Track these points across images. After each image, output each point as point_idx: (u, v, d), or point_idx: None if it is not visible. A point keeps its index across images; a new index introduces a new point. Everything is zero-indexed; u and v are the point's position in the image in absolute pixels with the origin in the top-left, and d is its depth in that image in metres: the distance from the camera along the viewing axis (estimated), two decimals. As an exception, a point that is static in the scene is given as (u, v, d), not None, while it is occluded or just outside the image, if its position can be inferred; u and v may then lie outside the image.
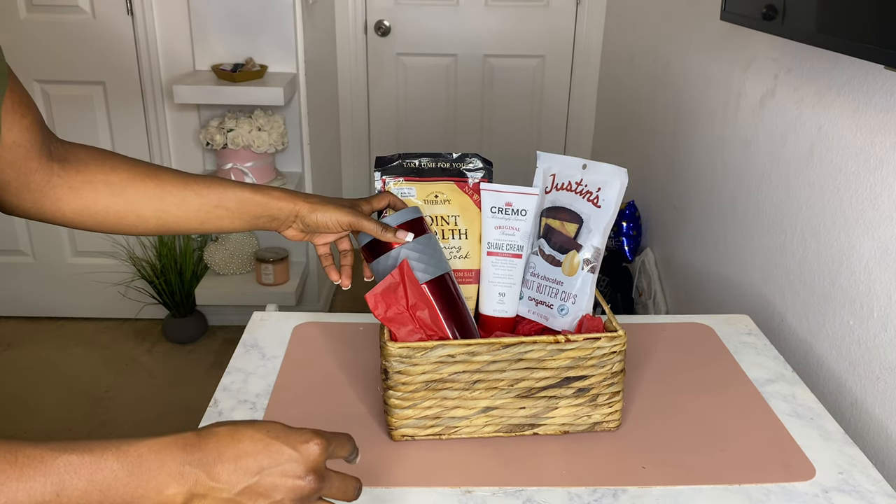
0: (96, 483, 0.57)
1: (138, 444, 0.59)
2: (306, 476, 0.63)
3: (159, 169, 0.87)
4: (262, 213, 0.91)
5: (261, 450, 0.62)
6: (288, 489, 0.62)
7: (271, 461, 0.62)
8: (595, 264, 0.96)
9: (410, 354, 0.86)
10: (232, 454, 0.61)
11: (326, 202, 0.92)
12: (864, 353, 1.09)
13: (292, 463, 0.62)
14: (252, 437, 0.62)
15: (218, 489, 0.61)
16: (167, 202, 0.86)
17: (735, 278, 1.59)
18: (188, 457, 0.60)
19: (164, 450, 0.59)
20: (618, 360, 0.90)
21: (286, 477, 0.62)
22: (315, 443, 0.64)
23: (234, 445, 0.62)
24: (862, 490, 0.86)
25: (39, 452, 0.55)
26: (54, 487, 0.55)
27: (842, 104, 1.17)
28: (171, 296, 2.64)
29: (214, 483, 0.60)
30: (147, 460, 0.59)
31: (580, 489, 0.85)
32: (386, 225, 0.91)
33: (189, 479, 0.60)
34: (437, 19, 3.10)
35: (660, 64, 2.23)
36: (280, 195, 0.91)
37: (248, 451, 0.62)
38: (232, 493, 0.61)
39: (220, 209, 0.88)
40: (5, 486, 0.54)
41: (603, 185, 0.96)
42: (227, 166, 2.38)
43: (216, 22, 2.39)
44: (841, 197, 1.17)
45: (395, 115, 3.24)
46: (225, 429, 0.63)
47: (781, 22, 1.13)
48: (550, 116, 3.26)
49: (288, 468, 0.62)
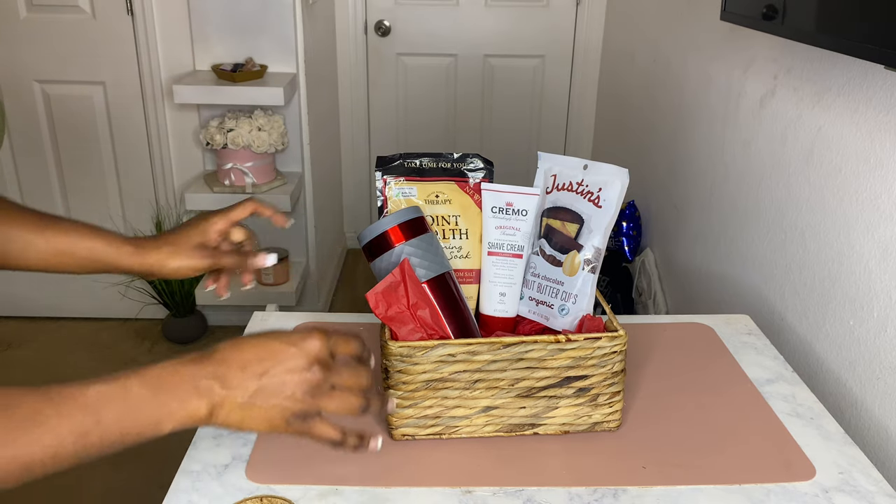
0: (128, 407, 0.62)
1: (155, 368, 0.64)
2: (311, 367, 0.67)
3: (17, 210, 0.86)
4: (111, 268, 0.89)
5: (263, 354, 0.67)
6: (296, 383, 0.67)
7: (275, 361, 0.67)
8: (596, 264, 0.96)
9: (411, 353, 0.86)
10: (238, 362, 0.66)
11: (179, 250, 0.89)
12: (864, 353, 1.10)
13: (295, 359, 0.67)
14: (253, 344, 0.68)
15: (232, 396, 0.66)
16: (11, 244, 0.85)
17: (735, 278, 1.59)
18: (200, 370, 0.65)
19: (179, 368, 0.65)
20: (618, 360, 0.90)
21: (292, 373, 0.67)
22: (314, 336, 0.68)
23: (238, 355, 0.67)
24: (862, 490, 0.86)
25: (69, 390, 0.60)
26: (93, 417, 0.60)
27: (842, 104, 1.17)
28: (171, 296, 2.64)
29: (227, 391, 0.65)
30: (166, 380, 0.64)
31: (580, 489, 0.85)
32: (249, 253, 0.92)
33: (205, 390, 0.65)
34: (437, 19, 3.10)
35: (660, 64, 2.23)
36: (132, 252, 0.88)
37: (252, 357, 0.67)
38: (245, 397, 0.66)
39: (66, 256, 0.87)
40: (48, 423, 0.58)
41: (604, 185, 0.97)
42: (227, 166, 2.38)
43: (216, 22, 2.39)
44: (841, 197, 1.17)
45: (395, 115, 3.24)
46: (226, 343, 0.68)
47: (781, 22, 1.13)
48: (550, 116, 3.27)
49: (292, 364, 0.67)
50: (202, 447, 0.91)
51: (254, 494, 0.83)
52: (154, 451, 2.17)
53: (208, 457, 0.90)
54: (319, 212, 2.71)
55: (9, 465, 0.57)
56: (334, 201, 3.19)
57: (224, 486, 0.85)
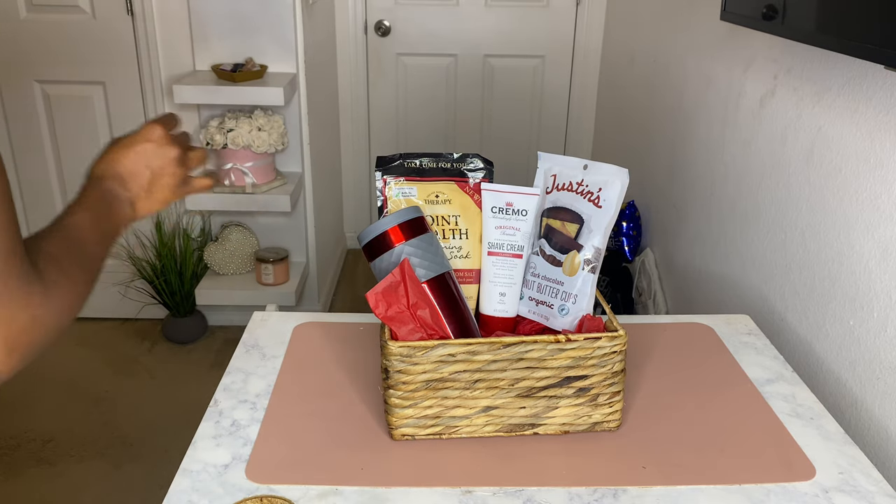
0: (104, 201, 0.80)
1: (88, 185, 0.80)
2: (168, 147, 0.85)
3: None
4: None
5: (134, 158, 0.83)
6: (169, 160, 0.85)
7: (146, 157, 0.84)
8: (596, 264, 0.96)
9: (411, 353, 0.86)
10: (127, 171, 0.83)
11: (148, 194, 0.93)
12: (864, 353, 1.10)
13: (155, 146, 0.84)
14: (126, 155, 0.83)
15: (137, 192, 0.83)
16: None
17: (735, 278, 1.59)
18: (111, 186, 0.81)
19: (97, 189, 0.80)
20: (618, 360, 0.90)
21: (160, 158, 0.84)
22: (150, 127, 0.85)
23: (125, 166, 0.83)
24: (862, 490, 0.86)
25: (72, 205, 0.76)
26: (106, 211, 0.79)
27: (842, 104, 1.17)
28: (171, 296, 2.64)
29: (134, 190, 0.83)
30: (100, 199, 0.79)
31: (580, 489, 0.85)
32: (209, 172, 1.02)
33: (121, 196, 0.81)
34: (437, 19, 3.10)
35: (660, 64, 2.23)
36: None
37: (134, 166, 0.83)
38: (146, 188, 0.84)
39: None
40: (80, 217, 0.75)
41: (604, 185, 0.97)
42: (228, 166, 2.38)
43: (216, 22, 2.39)
44: (841, 197, 1.17)
45: (395, 115, 3.24)
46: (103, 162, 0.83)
47: (781, 22, 1.13)
48: (550, 116, 3.27)
49: (157, 151, 0.84)
50: (202, 447, 0.91)
51: (254, 494, 0.83)
52: (154, 451, 2.17)
53: (208, 457, 0.90)
54: (319, 212, 2.71)
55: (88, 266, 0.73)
56: (334, 201, 3.19)
57: (224, 486, 0.85)
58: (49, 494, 1.96)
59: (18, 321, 0.60)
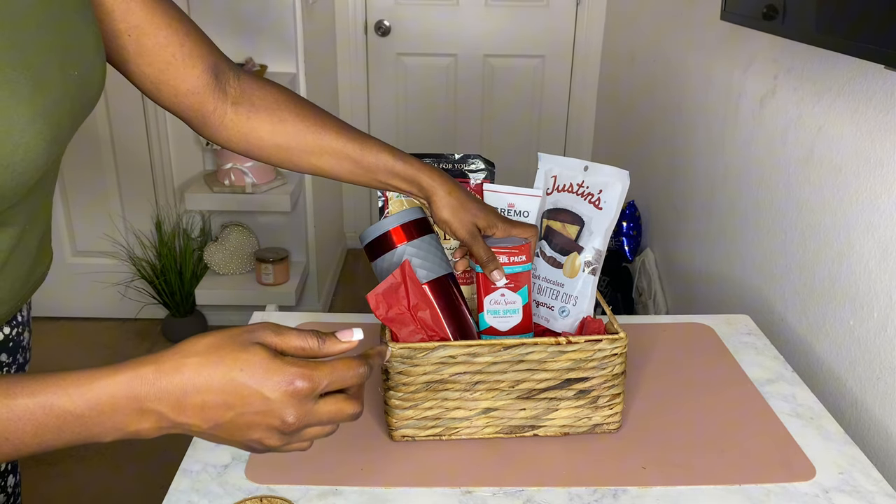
0: (46, 426, 0.55)
1: (89, 386, 0.56)
2: (284, 419, 0.58)
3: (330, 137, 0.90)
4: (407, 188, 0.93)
5: (231, 399, 0.57)
6: (264, 429, 0.59)
7: (244, 406, 0.57)
8: (596, 266, 0.96)
9: (411, 355, 0.86)
10: (197, 401, 0.57)
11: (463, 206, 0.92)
12: (864, 353, 1.10)
13: (268, 407, 0.58)
14: (221, 386, 0.57)
15: (185, 424, 0.58)
16: (321, 165, 0.91)
17: (735, 278, 1.59)
18: (146, 393, 0.56)
19: (117, 391, 0.56)
20: (619, 363, 0.90)
21: (262, 416, 0.58)
22: (295, 388, 0.58)
23: (199, 393, 0.57)
24: (862, 490, 0.86)
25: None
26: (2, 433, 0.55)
27: (842, 104, 1.17)
28: (170, 296, 2.64)
29: (180, 419, 0.57)
30: (100, 404, 0.56)
31: (580, 489, 0.85)
32: (492, 257, 0.91)
33: (151, 416, 0.57)
34: (437, 19, 3.10)
35: (660, 64, 2.23)
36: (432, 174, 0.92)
37: (215, 402, 0.57)
38: (203, 430, 0.59)
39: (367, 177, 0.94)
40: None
41: (604, 186, 0.96)
42: (227, 166, 2.38)
43: (216, 22, 2.39)
44: (841, 197, 1.17)
45: (395, 115, 3.24)
46: (192, 365, 0.57)
47: (781, 22, 1.13)
48: (550, 116, 3.27)
49: (263, 409, 0.58)
50: (202, 447, 0.91)
51: (254, 494, 0.83)
52: (154, 451, 2.17)
53: (208, 457, 0.90)
54: (319, 212, 2.71)
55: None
56: (334, 201, 3.19)
57: (224, 486, 0.85)
58: (49, 494, 1.97)
59: None
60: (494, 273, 0.91)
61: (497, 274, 0.91)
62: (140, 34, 0.78)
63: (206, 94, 0.85)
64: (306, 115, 0.90)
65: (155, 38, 0.79)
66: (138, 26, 0.78)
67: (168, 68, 0.81)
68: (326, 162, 0.91)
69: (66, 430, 0.56)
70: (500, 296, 0.93)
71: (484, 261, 0.91)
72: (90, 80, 0.72)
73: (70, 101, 0.68)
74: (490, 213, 0.93)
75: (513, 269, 0.92)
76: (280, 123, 0.89)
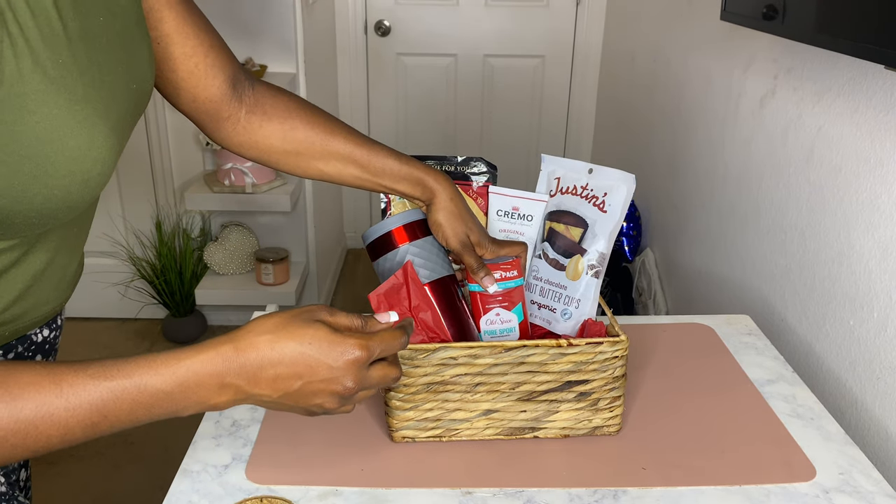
0: (140, 404, 0.61)
1: (177, 365, 0.62)
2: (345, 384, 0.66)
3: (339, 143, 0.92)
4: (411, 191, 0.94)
5: (301, 369, 0.65)
6: (327, 394, 0.67)
7: (312, 376, 0.65)
8: (600, 269, 0.96)
9: (412, 356, 0.86)
10: (271, 373, 0.65)
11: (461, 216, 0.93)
12: (864, 353, 1.10)
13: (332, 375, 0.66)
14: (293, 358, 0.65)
15: (258, 395, 0.65)
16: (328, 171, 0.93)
17: (735, 278, 1.59)
18: (227, 369, 0.64)
19: (202, 369, 0.63)
20: (619, 365, 0.90)
21: (326, 383, 0.66)
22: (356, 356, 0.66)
23: (272, 367, 0.64)
24: (862, 490, 0.86)
25: (81, 380, 0.59)
26: (100, 412, 0.60)
27: (842, 104, 1.17)
28: (170, 296, 2.64)
29: (254, 390, 0.65)
30: (187, 380, 0.63)
31: (580, 490, 0.85)
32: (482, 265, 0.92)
33: (230, 389, 0.64)
34: (437, 19, 3.10)
35: (660, 64, 2.23)
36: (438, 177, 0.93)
37: (287, 373, 0.65)
38: (272, 400, 0.66)
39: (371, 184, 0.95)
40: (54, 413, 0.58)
41: (609, 190, 0.96)
42: (227, 166, 2.38)
43: (216, 22, 2.36)
44: (841, 197, 1.17)
45: (395, 116, 3.24)
46: (266, 342, 0.65)
47: (781, 22, 1.13)
48: (550, 116, 3.27)
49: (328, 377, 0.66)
50: (202, 447, 0.91)
51: (254, 495, 0.83)
52: (154, 451, 2.17)
53: (208, 457, 0.90)
54: (319, 212, 2.71)
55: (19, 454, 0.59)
56: (334, 201, 3.19)
57: (224, 487, 0.85)
58: (49, 494, 1.97)
59: None
60: (485, 279, 0.92)
61: (488, 280, 0.92)
62: (169, 43, 0.81)
63: (222, 102, 0.88)
64: (316, 123, 0.92)
65: (182, 47, 0.82)
66: (168, 35, 0.81)
67: (190, 77, 0.84)
68: (334, 167, 0.93)
69: (157, 407, 0.62)
70: (495, 315, 0.94)
71: (475, 268, 0.92)
72: (145, 92, 0.76)
73: (131, 115, 0.72)
74: (483, 233, 0.95)
75: (505, 285, 0.92)
76: (291, 131, 0.91)
